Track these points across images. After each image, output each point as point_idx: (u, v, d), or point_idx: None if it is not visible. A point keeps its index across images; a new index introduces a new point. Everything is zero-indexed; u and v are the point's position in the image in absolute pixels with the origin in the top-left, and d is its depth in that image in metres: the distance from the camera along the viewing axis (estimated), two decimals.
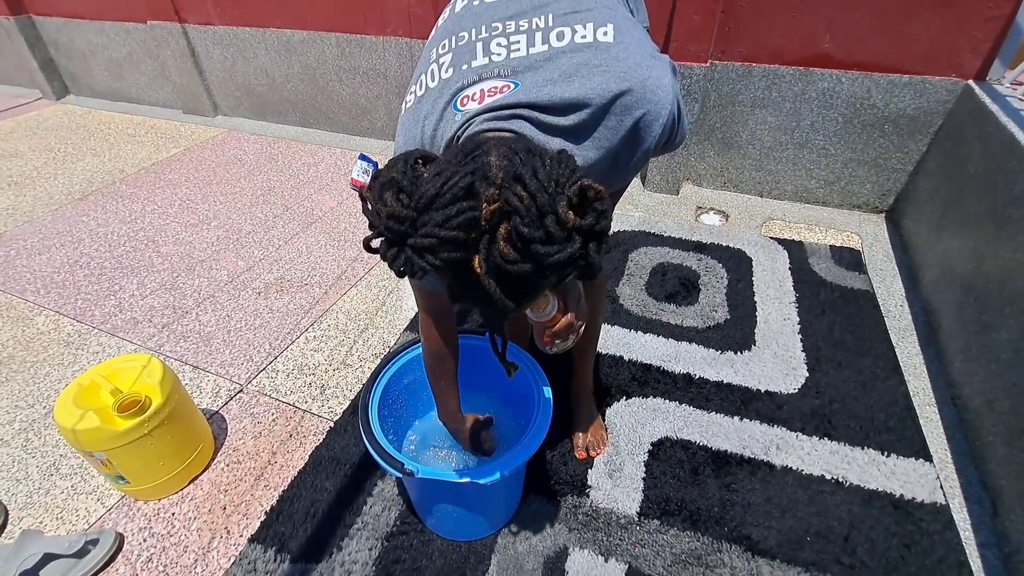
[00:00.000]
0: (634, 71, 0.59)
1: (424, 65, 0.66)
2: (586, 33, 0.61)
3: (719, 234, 2.05)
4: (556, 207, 0.43)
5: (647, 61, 0.61)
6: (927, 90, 1.86)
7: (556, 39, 0.60)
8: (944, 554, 1.06)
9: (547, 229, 0.43)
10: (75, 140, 3.15)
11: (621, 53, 0.60)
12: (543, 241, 0.43)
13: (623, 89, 0.59)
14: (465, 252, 0.45)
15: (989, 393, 1.23)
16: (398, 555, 1.07)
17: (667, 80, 0.62)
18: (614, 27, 0.62)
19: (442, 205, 0.43)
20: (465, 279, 0.47)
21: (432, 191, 0.44)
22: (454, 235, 0.43)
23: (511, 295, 0.47)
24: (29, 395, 1.48)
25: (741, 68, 2.05)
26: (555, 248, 0.43)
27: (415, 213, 0.44)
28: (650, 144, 0.63)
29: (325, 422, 1.36)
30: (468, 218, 0.44)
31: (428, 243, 0.43)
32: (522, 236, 0.43)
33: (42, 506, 1.21)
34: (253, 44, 2.96)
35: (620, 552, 1.07)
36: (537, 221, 0.43)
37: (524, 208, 0.43)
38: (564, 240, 0.43)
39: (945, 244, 1.65)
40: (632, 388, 1.43)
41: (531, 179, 0.44)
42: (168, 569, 1.08)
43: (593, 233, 0.44)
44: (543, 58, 0.60)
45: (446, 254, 0.44)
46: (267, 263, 1.99)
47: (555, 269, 0.44)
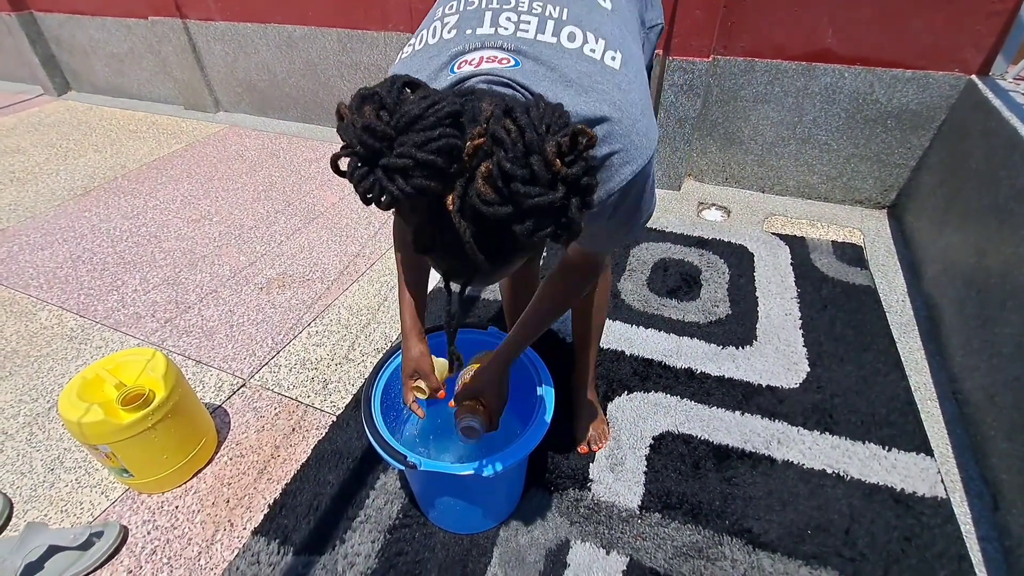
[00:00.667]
0: (627, 107, 0.57)
1: (428, 22, 0.64)
2: (596, 48, 0.58)
3: (721, 230, 2.05)
4: (544, 146, 0.41)
5: (643, 107, 0.60)
6: (930, 85, 1.85)
7: (567, 39, 0.58)
8: (944, 547, 1.06)
9: (532, 168, 0.40)
10: (77, 136, 3.15)
11: (623, 84, 0.58)
12: (525, 180, 0.41)
13: (611, 117, 0.56)
14: (440, 183, 0.42)
15: (990, 388, 1.24)
16: (401, 547, 1.08)
17: (653, 135, 0.61)
18: (623, 57, 0.60)
19: (423, 127, 0.41)
20: (436, 219, 0.45)
21: (415, 111, 0.41)
22: (431, 159, 0.40)
23: (482, 245, 0.44)
24: (33, 389, 1.49)
25: (743, 63, 2.04)
26: (537, 190, 0.41)
27: (393, 131, 0.41)
28: (615, 186, 0.59)
29: (328, 416, 1.37)
30: (449, 144, 0.41)
31: (402, 163, 0.40)
32: (504, 172, 0.40)
33: (47, 499, 1.21)
34: (254, 40, 2.96)
35: (621, 545, 1.08)
36: (523, 158, 0.41)
37: (511, 142, 0.41)
38: (548, 184, 0.41)
39: (947, 239, 1.65)
40: (634, 383, 1.43)
41: (522, 115, 0.42)
42: (172, 561, 1.08)
43: (578, 186, 0.42)
44: (548, 50, 0.57)
45: (419, 180, 0.41)
46: (269, 258, 2.00)
47: (533, 215, 0.41)
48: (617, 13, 0.66)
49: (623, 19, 0.66)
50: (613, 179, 0.59)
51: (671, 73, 2.06)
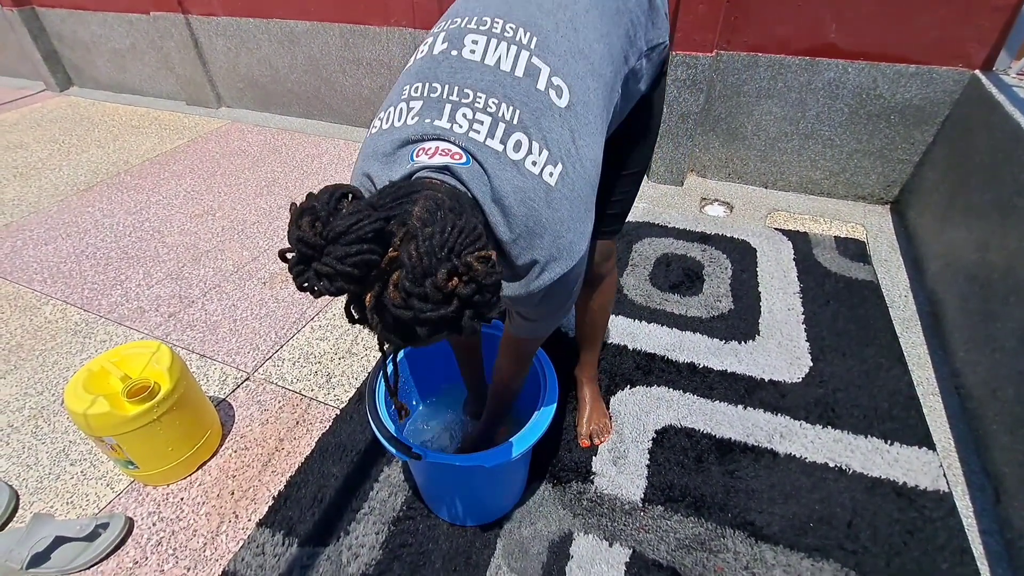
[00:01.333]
0: (553, 225, 0.63)
1: (395, 97, 0.68)
2: (537, 161, 0.62)
3: (723, 225, 2.05)
4: (436, 271, 0.48)
5: (570, 223, 0.65)
6: (934, 80, 1.85)
7: (513, 148, 0.62)
8: (946, 540, 1.06)
9: (425, 288, 0.48)
10: (79, 132, 3.15)
11: (555, 201, 0.63)
12: (420, 298, 0.48)
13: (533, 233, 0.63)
14: (360, 287, 0.50)
15: (992, 382, 1.24)
16: (405, 539, 1.08)
17: (579, 247, 0.67)
18: (563, 170, 0.64)
19: (346, 243, 0.48)
20: (360, 307, 0.53)
21: (341, 228, 0.48)
22: (348, 271, 0.48)
23: (395, 332, 0.52)
24: (38, 383, 1.49)
25: (747, 58, 2.04)
26: (429, 307, 0.48)
27: (323, 241, 0.48)
28: (535, 288, 0.67)
29: (331, 410, 1.38)
30: (365, 260, 0.48)
31: (326, 271, 0.48)
32: (405, 289, 0.48)
33: (52, 491, 1.22)
34: (256, 35, 2.96)
35: (624, 537, 1.08)
36: (419, 279, 0.48)
37: (410, 265, 0.48)
38: (440, 301, 0.48)
39: (950, 234, 1.65)
40: (636, 377, 1.43)
41: (424, 241, 0.49)
42: (178, 552, 1.09)
43: (471, 302, 0.49)
44: (492, 158, 0.61)
45: (341, 284, 0.49)
46: (272, 253, 2.00)
47: (427, 324, 0.49)
48: (573, 109, 0.66)
49: (578, 114, 0.67)
50: (534, 281, 0.66)
51: (674, 68, 2.05)
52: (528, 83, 0.63)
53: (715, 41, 2.00)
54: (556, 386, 1.01)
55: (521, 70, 0.64)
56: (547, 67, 0.65)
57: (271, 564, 1.05)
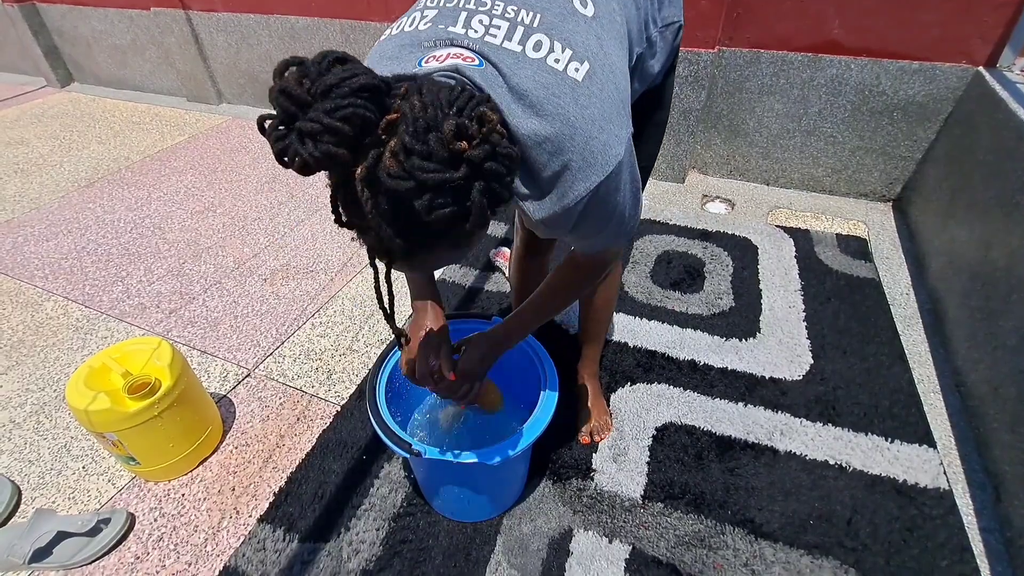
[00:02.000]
0: (582, 124, 0.56)
1: (411, 10, 0.64)
2: (561, 58, 0.57)
3: (725, 222, 2.04)
4: (443, 124, 0.42)
5: (602, 122, 0.58)
6: (937, 77, 1.84)
7: (533, 48, 0.57)
8: (946, 538, 1.06)
9: (429, 143, 0.42)
10: (80, 128, 3.15)
11: (582, 97, 0.57)
12: (422, 155, 0.42)
13: (562, 133, 0.56)
14: (349, 151, 0.43)
15: (994, 380, 1.24)
16: (405, 535, 1.09)
17: (613, 150, 0.59)
18: (590, 67, 0.58)
19: (337, 96, 0.42)
20: (348, 191, 0.45)
21: (332, 80, 0.42)
22: (338, 126, 0.41)
23: (388, 220, 0.45)
24: (40, 379, 1.50)
25: (749, 54, 2.03)
26: (432, 166, 0.42)
27: (309, 97, 0.42)
28: (570, 201, 0.59)
29: (332, 406, 1.38)
30: (358, 114, 0.42)
31: (311, 128, 0.41)
32: (404, 146, 0.42)
33: (54, 486, 1.23)
34: (257, 31, 2.95)
35: (624, 534, 1.08)
36: (422, 134, 0.42)
37: (412, 117, 0.42)
38: (445, 161, 0.42)
39: (952, 232, 1.64)
40: (637, 374, 1.43)
41: (429, 93, 0.43)
42: (179, 548, 1.10)
43: (482, 170, 0.43)
44: (510, 58, 0.56)
45: (327, 146, 0.41)
46: (273, 250, 2.00)
47: (428, 191, 0.42)
48: (599, 20, 0.62)
49: (605, 25, 0.63)
50: (568, 195, 0.59)
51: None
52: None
53: (717, 37, 1.99)
54: (556, 383, 1.00)
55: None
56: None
57: (272, 560, 1.06)
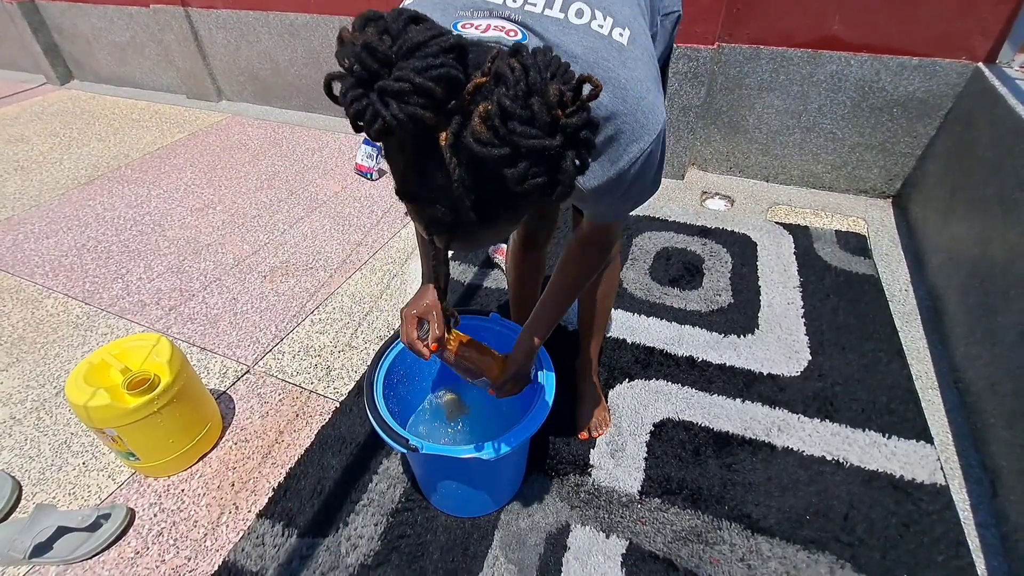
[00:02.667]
0: (632, 85, 0.57)
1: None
2: (604, 24, 0.58)
3: (724, 219, 2.04)
4: (547, 88, 0.40)
5: (649, 83, 0.59)
6: (937, 73, 1.84)
7: (575, 15, 0.57)
8: (942, 533, 1.07)
9: (532, 108, 0.39)
10: (80, 125, 3.15)
11: (629, 61, 0.57)
12: (523, 120, 0.39)
13: (614, 95, 0.56)
14: (435, 114, 0.40)
15: (991, 376, 1.24)
16: (403, 530, 1.09)
17: (660, 113, 0.59)
18: (631, 33, 0.60)
19: (426, 54, 0.39)
20: (424, 158, 0.43)
21: (419, 38, 0.40)
22: (430, 86, 0.39)
23: (470, 190, 0.43)
24: (40, 375, 1.50)
25: (748, 50, 2.02)
26: (534, 132, 0.40)
27: (394, 55, 0.40)
28: (625, 164, 0.59)
29: (331, 402, 1.38)
30: (450, 74, 0.40)
31: (398, 87, 0.38)
32: (504, 110, 0.39)
33: (55, 482, 1.23)
34: (256, 28, 2.95)
35: (621, 529, 1.09)
36: (524, 98, 0.40)
37: (513, 80, 0.40)
38: (546, 129, 0.40)
39: (952, 228, 1.64)
40: (635, 370, 1.44)
41: (528, 56, 0.41)
42: (179, 543, 1.10)
43: (577, 139, 0.42)
44: (554, 25, 0.56)
45: (414, 108, 0.39)
46: (272, 247, 2.01)
47: (527, 158, 0.40)
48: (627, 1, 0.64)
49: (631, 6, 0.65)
50: (622, 158, 0.59)
51: (675, 61, 2.04)
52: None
53: (717, 33, 1.99)
54: (553, 378, 1.01)
55: None
56: None
57: (271, 554, 1.06)
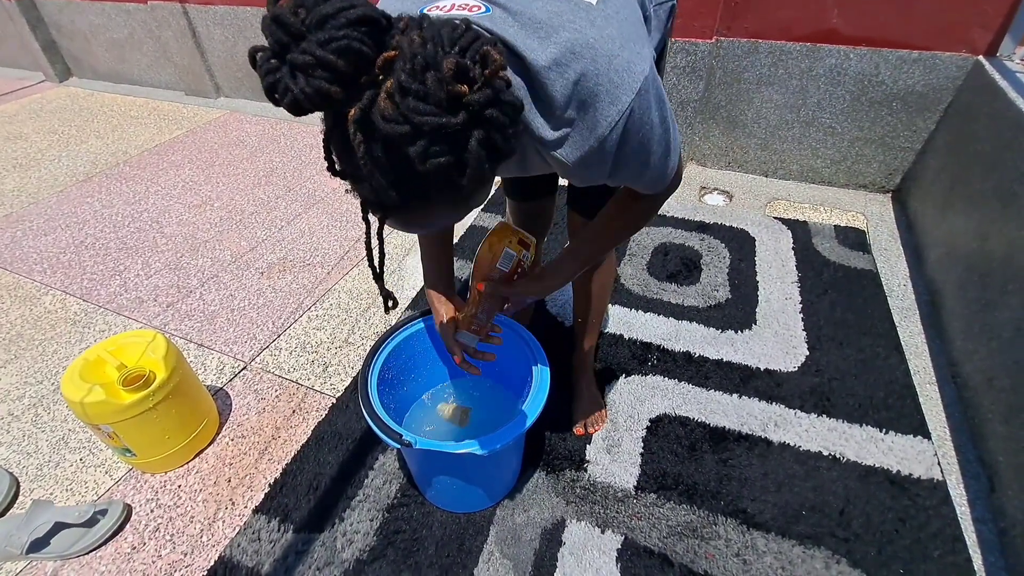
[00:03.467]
0: (602, 43, 0.53)
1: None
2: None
3: (722, 214, 2.03)
4: (442, 62, 0.39)
5: (622, 41, 0.55)
6: (937, 66, 1.82)
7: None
8: (939, 528, 1.06)
9: (426, 83, 0.39)
10: (78, 122, 3.15)
11: (598, 19, 0.54)
12: (418, 96, 0.39)
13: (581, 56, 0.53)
14: (342, 88, 0.40)
15: (989, 371, 1.23)
16: (399, 526, 1.09)
17: (639, 68, 0.55)
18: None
19: (332, 27, 0.39)
20: (342, 136, 0.43)
21: (328, 11, 0.39)
22: (332, 60, 0.39)
23: (382, 169, 0.43)
24: (38, 372, 1.50)
25: (747, 44, 2.01)
26: (428, 108, 0.39)
27: (303, 28, 0.40)
28: (603, 130, 0.55)
29: (328, 398, 1.38)
30: (352, 48, 0.39)
31: (303, 60, 0.39)
32: (400, 86, 0.39)
33: (52, 478, 1.23)
34: (254, 24, 2.93)
35: (616, 524, 1.09)
36: (419, 73, 0.39)
37: (410, 53, 0.39)
38: (441, 104, 0.40)
39: (951, 223, 1.64)
40: (632, 366, 1.43)
41: (430, 29, 0.41)
42: (175, 538, 1.10)
43: (482, 117, 0.41)
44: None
45: (319, 82, 0.39)
46: (270, 243, 2.00)
47: (423, 136, 0.40)
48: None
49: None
50: (600, 123, 0.55)
51: (673, 55, 2.03)
52: None
53: (715, 27, 1.98)
54: (548, 372, 1.00)
55: None
56: None
57: (267, 550, 1.06)
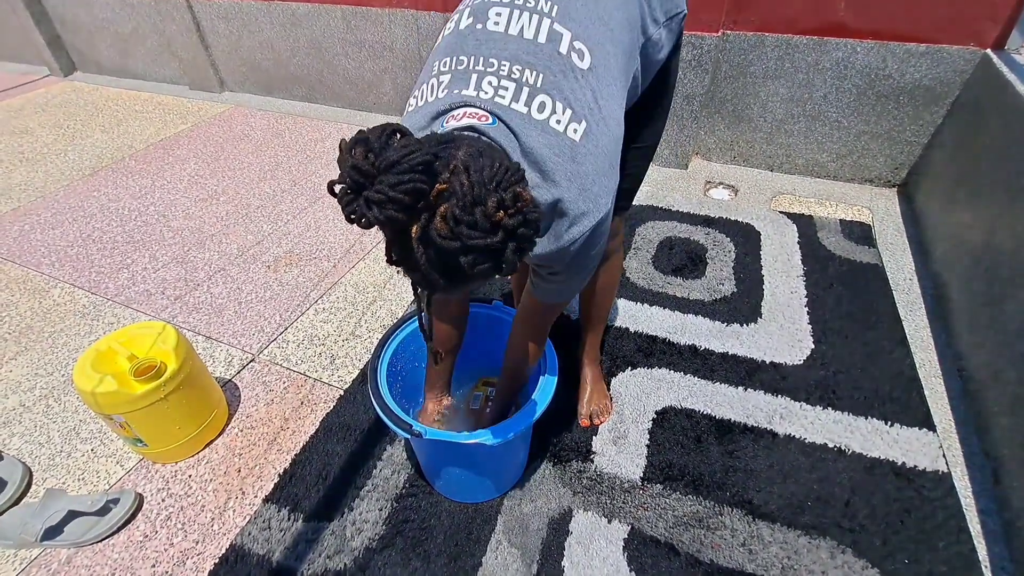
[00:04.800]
0: (577, 178, 0.66)
1: (427, 75, 0.73)
2: (561, 119, 0.66)
3: (728, 208, 2.03)
4: (487, 200, 0.51)
5: (594, 176, 0.68)
6: (944, 59, 1.82)
7: (537, 109, 0.65)
8: (944, 519, 1.07)
9: (475, 216, 0.51)
10: (83, 116, 3.16)
11: (579, 156, 0.66)
12: (470, 225, 0.51)
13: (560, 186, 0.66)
14: (407, 216, 0.51)
15: (995, 364, 1.23)
16: (407, 515, 1.10)
17: (604, 200, 0.70)
18: (587, 127, 0.67)
19: (399, 171, 0.50)
20: (403, 243, 0.54)
21: (394, 157, 0.50)
22: (400, 198, 0.49)
23: (436, 268, 0.55)
24: (48, 363, 1.52)
25: (753, 38, 2.00)
26: (477, 234, 0.51)
27: (375, 171, 0.50)
28: (565, 243, 0.69)
29: (335, 390, 1.39)
30: (416, 188, 0.50)
31: (378, 198, 0.50)
32: (455, 216, 0.50)
33: (64, 468, 1.25)
34: (258, 17, 2.93)
35: (623, 514, 1.10)
36: (469, 208, 0.51)
37: (461, 194, 0.51)
38: (487, 230, 0.51)
39: (957, 217, 1.63)
40: (637, 359, 1.44)
41: (475, 172, 0.52)
42: (187, 527, 1.12)
43: (515, 234, 0.53)
44: (518, 119, 0.65)
45: (391, 212, 0.50)
46: (276, 237, 2.01)
47: (473, 252, 0.52)
48: (595, 71, 0.69)
49: (600, 76, 0.69)
50: (563, 236, 0.69)
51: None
52: (550, 48, 0.67)
53: (721, 20, 1.97)
54: (556, 365, 1.01)
55: (544, 36, 0.67)
56: (568, 32, 0.68)
57: (277, 538, 1.08)
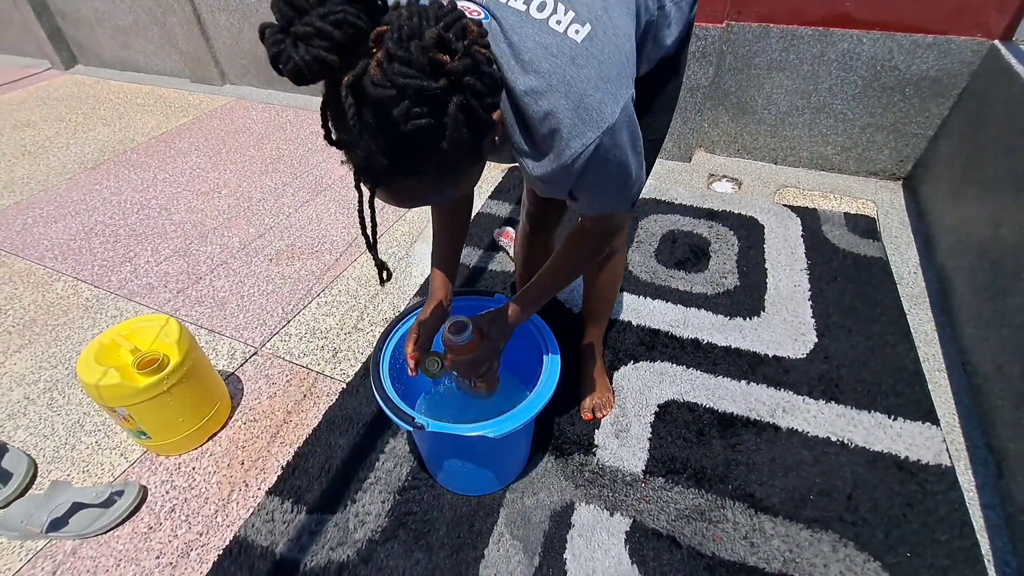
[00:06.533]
0: (576, 82, 0.58)
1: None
2: (563, 20, 0.59)
3: (731, 201, 2.02)
4: (424, 32, 0.44)
5: (597, 82, 0.59)
6: (951, 51, 1.80)
7: (536, 8, 0.59)
8: (947, 513, 1.07)
9: (410, 51, 0.44)
10: (85, 110, 3.15)
11: (580, 58, 0.59)
12: (403, 62, 0.44)
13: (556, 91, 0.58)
14: (338, 56, 0.45)
15: (999, 358, 1.23)
16: (410, 508, 1.11)
17: (609, 109, 0.60)
18: (591, 30, 0.60)
19: (332, 3, 0.44)
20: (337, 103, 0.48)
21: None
22: (329, 30, 0.44)
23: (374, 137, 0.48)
24: (52, 356, 1.52)
25: (758, 29, 1.99)
26: (412, 72, 0.44)
27: (307, 4, 0.45)
28: (566, 159, 0.61)
29: (338, 383, 1.40)
30: (348, 20, 0.44)
31: (304, 31, 0.44)
32: (388, 53, 0.44)
33: (69, 460, 1.26)
34: (259, 9, 2.92)
35: (625, 507, 1.10)
36: (405, 41, 0.44)
37: (397, 25, 0.45)
38: (424, 70, 0.45)
39: (962, 210, 1.62)
40: (640, 352, 1.44)
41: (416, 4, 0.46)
42: (190, 519, 1.12)
43: (461, 83, 0.46)
44: (514, 16, 0.59)
45: (318, 51, 0.44)
46: (278, 230, 2.01)
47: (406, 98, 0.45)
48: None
49: None
50: (564, 152, 0.61)
51: None
52: None
53: (725, 11, 1.95)
54: (559, 358, 1.01)
55: None
56: None
57: (280, 530, 1.08)
